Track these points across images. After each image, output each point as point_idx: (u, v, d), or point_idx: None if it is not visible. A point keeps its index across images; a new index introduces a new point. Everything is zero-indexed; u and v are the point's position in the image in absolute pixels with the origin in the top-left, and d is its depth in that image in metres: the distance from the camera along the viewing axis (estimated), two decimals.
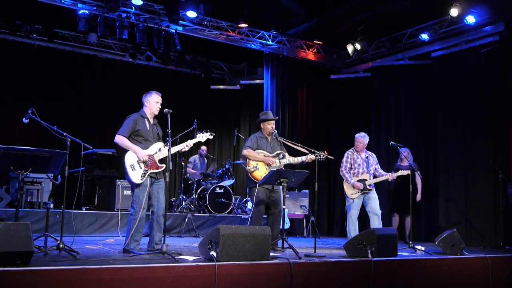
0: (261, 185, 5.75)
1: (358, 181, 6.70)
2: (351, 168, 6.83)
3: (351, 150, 6.96)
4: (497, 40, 8.43)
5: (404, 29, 9.83)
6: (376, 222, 6.61)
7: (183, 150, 5.22)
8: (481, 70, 8.66)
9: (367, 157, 6.88)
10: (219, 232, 4.24)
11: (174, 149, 5.03)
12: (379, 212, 6.68)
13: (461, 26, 8.98)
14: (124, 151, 5.05)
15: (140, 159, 4.94)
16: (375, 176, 6.87)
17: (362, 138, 6.91)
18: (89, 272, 3.59)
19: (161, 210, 5.05)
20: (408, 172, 6.74)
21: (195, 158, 9.98)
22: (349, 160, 6.86)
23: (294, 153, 6.25)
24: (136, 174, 4.94)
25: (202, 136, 5.35)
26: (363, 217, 6.98)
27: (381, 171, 6.92)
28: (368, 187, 6.68)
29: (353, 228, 6.63)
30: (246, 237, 4.37)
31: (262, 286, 4.26)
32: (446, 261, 5.64)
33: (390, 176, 6.80)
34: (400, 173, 6.82)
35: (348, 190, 6.75)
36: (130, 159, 4.96)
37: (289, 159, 6.02)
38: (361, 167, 6.79)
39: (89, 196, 8.45)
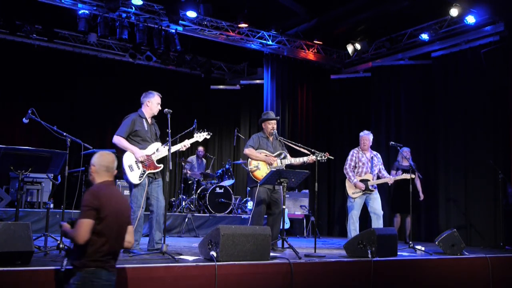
0: (262, 185, 5.75)
1: (361, 181, 6.67)
2: (355, 167, 6.77)
3: (356, 149, 6.90)
4: (497, 40, 8.42)
5: (404, 29, 9.82)
6: (377, 223, 6.59)
7: (181, 149, 5.24)
8: (481, 70, 8.65)
9: (372, 157, 6.85)
10: (219, 232, 4.24)
11: (173, 149, 5.04)
12: (381, 212, 6.65)
13: (461, 26, 8.97)
14: (122, 151, 5.04)
15: (138, 159, 4.94)
16: (378, 177, 6.84)
17: (367, 136, 6.86)
18: None
19: (161, 209, 5.06)
20: (412, 176, 6.72)
21: (192, 158, 9.98)
22: (354, 158, 6.80)
23: (294, 153, 6.25)
24: (134, 175, 4.94)
25: (200, 136, 5.38)
26: (364, 217, 6.97)
27: (384, 172, 6.89)
28: (370, 187, 6.65)
29: (353, 228, 6.61)
30: (246, 237, 4.37)
31: (262, 286, 4.26)
32: (446, 261, 5.64)
33: (390, 180, 6.78)
34: (404, 176, 6.79)
35: (350, 189, 6.71)
36: (128, 160, 4.96)
37: (290, 160, 6.01)
38: (365, 167, 6.74)
39: None
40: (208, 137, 5.46)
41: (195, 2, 8.87)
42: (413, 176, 6.75)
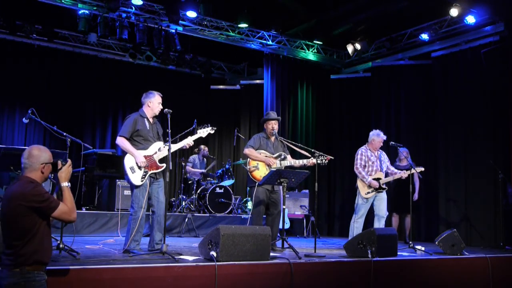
0: (261, 185, 5.74)
1: (373, 179, 6.60)
2: (365, 166, 6.63)
3: (364, 147, 6.77)
4: (497, 40, 8.42)
5: (404, 29, 9.83)
6: (379, 223, 6.55)
7: (184, 147, 5.21)
8: (481, 70, 8.65)
9: (379, 155, 6.78)
10: (219, 232, 4.24)
11: (176, 147, 5.04)
12: (386, 214, 6.60)
13: (461, 26, 8.98)
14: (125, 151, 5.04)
15: (139, 164, 4.93)
16: (387, 174, 6.79)
17: (383, 138, 6.76)
18: (89, 272, 3.59)
19: (162, 210, 5.05)
20: (422, 169, 6.71)
21: (194, 157, 9.98)
22: (363, 157, 6.66)
23: (295, 154, 6.24)
24: (136, 176, 4.93)
25: (204, 132, 5.35)
26: (365, 216, 6.94)
27: (392, 168, 6.85)
28: (382, 186, 6.58)
29: (356, 226, 6.54)
30: (246, 237, 4.37)
31: (262, 286, 4.26)
32: (446, 261, 5.64)
33: (404, 174, 6.72)
34: (412, 171, 6.74)
35: (364, 189, 6.55)
36: (129, 162, 4.95)
37: (290, 161, 5.98)
38: (375, 165, 6.63)
39: (89, 196, 8.44)
40: (212, 132, 5.41)
41: (195, 2, 8.88)
42: (421, 169, 6.73)
